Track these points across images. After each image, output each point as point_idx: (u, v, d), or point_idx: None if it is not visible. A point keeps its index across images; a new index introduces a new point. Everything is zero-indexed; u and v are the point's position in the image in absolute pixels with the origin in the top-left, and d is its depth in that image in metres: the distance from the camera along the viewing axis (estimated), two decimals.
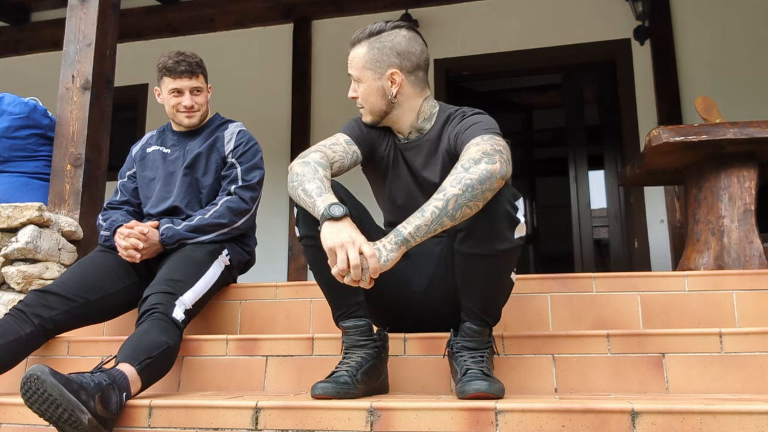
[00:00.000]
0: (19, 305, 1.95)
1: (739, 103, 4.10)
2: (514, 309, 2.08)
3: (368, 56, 1.80)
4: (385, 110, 1.84)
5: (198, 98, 2.41)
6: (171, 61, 2.36)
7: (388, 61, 1.79)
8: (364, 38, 1.82)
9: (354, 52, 1.83)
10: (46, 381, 1.41)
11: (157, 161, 2.42)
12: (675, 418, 1.28)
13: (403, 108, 1.84)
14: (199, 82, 2.40)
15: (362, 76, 1.82)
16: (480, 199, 1.51)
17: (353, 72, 1.84)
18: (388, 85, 1.81)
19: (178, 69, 2.35)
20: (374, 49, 1.80)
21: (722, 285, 2.09)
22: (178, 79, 2.37)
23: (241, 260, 2.36)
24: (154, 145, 2.47)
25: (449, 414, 1.38)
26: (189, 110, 2.40)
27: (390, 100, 1.82)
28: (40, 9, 5.60)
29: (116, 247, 2.21)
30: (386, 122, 1.87)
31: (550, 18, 4.83)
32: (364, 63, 1.81)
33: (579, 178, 5.42)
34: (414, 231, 1.49)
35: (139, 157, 2.47)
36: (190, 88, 2.38)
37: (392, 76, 1.80)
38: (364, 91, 1.83)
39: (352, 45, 1.84)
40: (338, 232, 1.49)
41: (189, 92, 2.39)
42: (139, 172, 2.45)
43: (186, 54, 2.39)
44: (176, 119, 2.42)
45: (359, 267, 1.45)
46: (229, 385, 1.89)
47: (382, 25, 1.82)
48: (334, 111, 4.94)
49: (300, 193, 1.63)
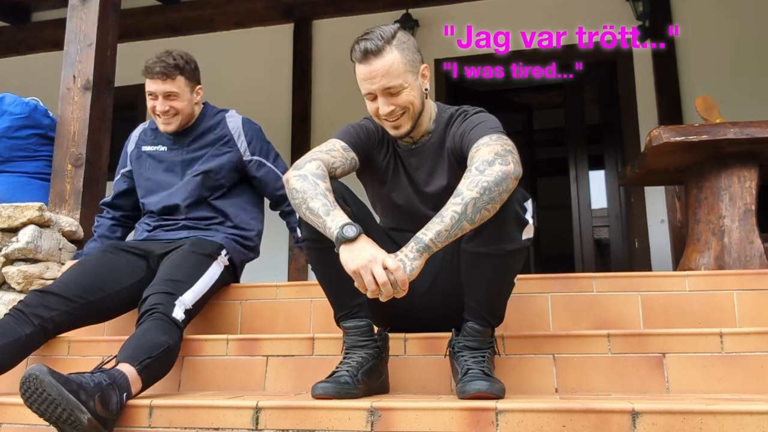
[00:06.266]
0: (19, 305, 1.95)
1: (739, 103, 4.10)
2: (515, 309, 2.08)
3: (405, 58, 1.69)
4: (421, 111, 1.77)
5: (175, 103, 2.29)
6: (152, 60, 2.28)
7: (418, 58, 1.74)
8: (387, 43, 1.68)
9: (384, 60, 1.67)
10: (45, 381, 1.41)
11: (155, 161, 2.40)
12: (675, 418, 1.28)
13: (426, 106, 1.79)
14: (175, 86, 2.27)
15: (406, 80, 1.69)
16: (497, 201, 1.50)
17: (394, 81, 1.68)
18: (422, 82, 1.76)
19: (154, 69, 2.26)
20: (405, 50, 1.70)
21: (723, 285, 2.09)
22: (152, 80, 2.28)
23: (243, 259, 2.37)
24: (150, 145, 2.43)
25: (450, 414, 1.38)
26: (164, 115, 2.31)
27: (423, 98, 1.76)
28: (40, 9, 5.60)
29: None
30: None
31: (550, 18, 4.83)
32: (404, 66, 1.69)
33: (579, 178, 5.42)
34: (435, 237, 1.48)
35: (135, 156, 2.45)
36: (164, 92, 2.28)
37: (424, 72, 1.76)
38: (410, 95, 1.71)
39: (376, 54, 1.67)
40: (358, 252, 1.47)
41: (162, 96, 2.28)
42: (136, 170, 2.44)
43: (171, 54, 2.29)
44: (156, 122, 2.37)
45: (388, 283, 1.45)
46: (229, 385, 1.89)
47: (391, 28, 1.73)
48: (334, 111, 4.94)
49: (305, 212, 1.59)
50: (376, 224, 1.86)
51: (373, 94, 1.71)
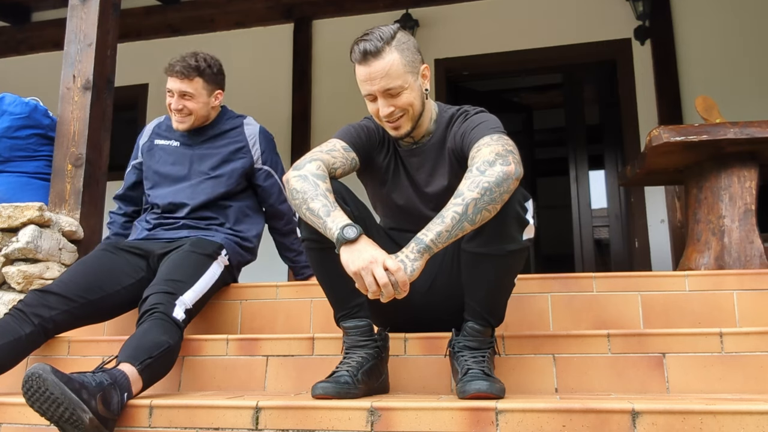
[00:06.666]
0: (19, 305, 1.95)
1: (739, 103, 4.10)
2: (515, 309, 2.08)
3: (404, 59, 1.69)
4: (421, 112, 1.76)
5: (189, 103, 2.34)
6: (176, 58, 2.34)
7: (418, 58, 1.74)
8: (386, 44, 1.67)
9: (384, 61, 1.66)
10: (48, 379, 1.41)
11: (165, 154, 2.44)
12: (675, 418, 1.28)
13: (426, 107, 1.79)
14: (191, 87, 2.32)
15: (405, 81, 1.69)
16: (498, 202, 1.50)
17: (394, 82, 1.67)
18: (422, 83, 1.75)
19: (175, 68, 2.31)
20: (404, 51, 1.69)
21: (723, 285, 2.09)
22: (171, 77, 2.33)
23: (241, 260, 2.37)
24: (164, 139, 2.47)
25: (450, 414, 1.38)
26: (178, 113, 2.36)
27: (424, 99, 1.76)
28: (40, 9, 5.60)
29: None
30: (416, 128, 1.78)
31: (550, 18, 4.83)
32: (404, 68, 1.68)
33: (579, 178, 5.42)
34: (435, 238, 1.48)
35: (147, 148, 2.49)
36: (180, 91, 2.33)
37: (424, 72, 1.76)
38: (410, 96, 1.70)
39: (375, 55, 1.66)
40: (358, 253, 1.47)
41: (178, 95, 2.33)
42: (146, 161, 2.47)
43: (196, 56, 2.35)
44: (171, 118, 2.42)
45: (389, 284, 1.45)
46: (229, 385, 1.89)
47: (391, 28, 1.72)
48: (334, 110, 4.94)
49: (305, 213, 1.59)
50: (376, 224, 1.86)
51: (373, 95, 1.71)
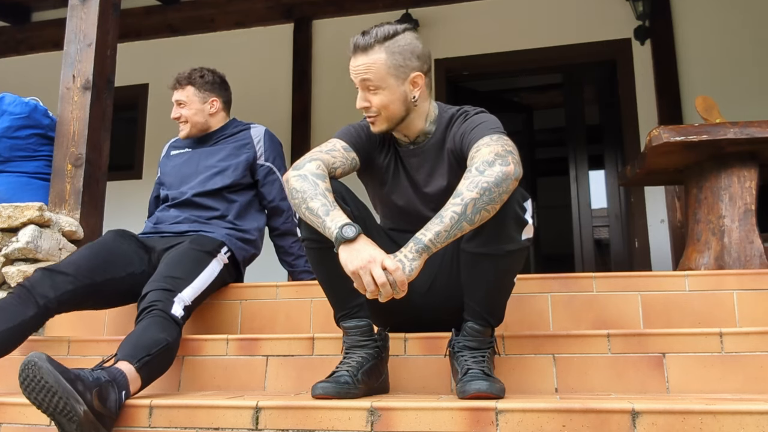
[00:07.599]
0: (25, 283, 1.93)
1: (739, 103, 4.10)
2: (515, 309, 2.08)
3: (391, 62, 1.69)
4: (403, 116, 1.76)
5: (183, 110, 2.54)
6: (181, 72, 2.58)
7: (411, 65, 1.72)
8: (377, 43, 1.69)
9: (368, 58, 1.69)
10: (43, 368, 1.41)
11: (179, 159, 2.59)
12: (675, 418, 1.28)
13: (417, 112, 1.78)
14: (183, 95, 2.52)
15: (384, 83, 1.70)
16: (497, 202, 1.50)
17: (371, 80, 1.70)
18: (410, 90, 1.74)
19: (173, 81, 2.55)
20: (395, 54, 1.69)
21: (723, 285, 2.09)
22: (172, 89, 2.57)
23: (246, 255, 2.40)
24: (179, 149, 2.64)
25: (450, 414, 1.38)
26: (177, 121, 2.57)
27: (409, 105, 1.75)
28: (40, 9, 5.60)
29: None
30: (397, 129, 1.80)
31: (550, 18, 4.83)
32: (386, 69, 1.69)
33: (579, 178, 5.42)
34: (434, 237, 1.48)
35: (164, 161, 2.68)
36: (176, 100, 2.55)
37: (415, 80, 1.73)
38: (386, 98, 1.72)
39: (363, 50, 1.70)
40: (357, 253, 1.48)
41: (176, 104, 2.55)
42: (162, 170, 2.64)
43: (197, 69, 2.57)
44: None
45: (387, 284, 1.45)
46: (229, 385, 1.89)
47: (393, 28, 1.72)
48: (334, 111, 4.95)
49: (305, 212, 1.59)
50: (376, 224, 1.86)
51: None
